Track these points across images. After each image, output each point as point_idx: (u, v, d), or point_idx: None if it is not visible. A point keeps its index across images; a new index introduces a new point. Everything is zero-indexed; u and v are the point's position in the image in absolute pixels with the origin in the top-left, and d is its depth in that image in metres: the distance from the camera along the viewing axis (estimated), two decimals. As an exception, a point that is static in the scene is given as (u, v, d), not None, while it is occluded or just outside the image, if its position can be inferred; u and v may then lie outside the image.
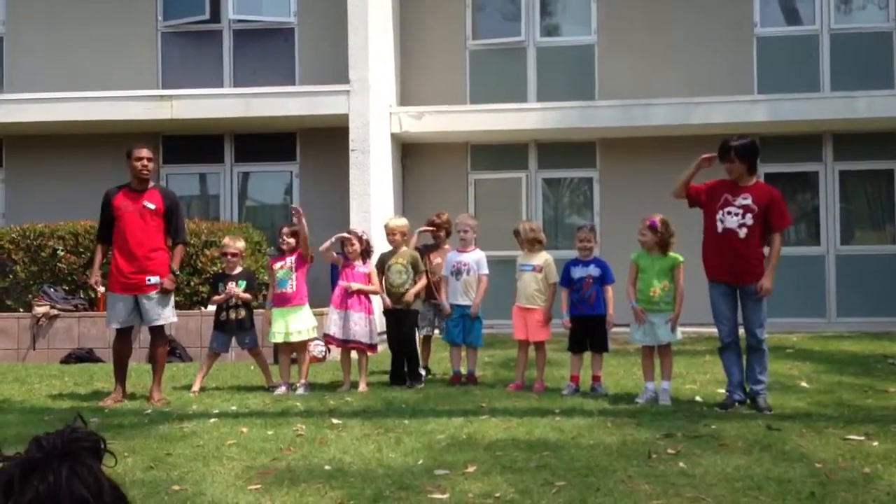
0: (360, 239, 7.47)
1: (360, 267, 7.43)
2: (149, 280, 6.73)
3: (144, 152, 6.86)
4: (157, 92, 11.98)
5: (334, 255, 7.54)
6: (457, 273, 7.50)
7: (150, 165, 6.87)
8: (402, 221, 7.73)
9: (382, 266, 7.58)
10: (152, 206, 6.79)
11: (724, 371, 6.34)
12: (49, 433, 1.33)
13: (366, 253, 7.50)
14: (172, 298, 6.96)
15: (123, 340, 6.83)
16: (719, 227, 6.17)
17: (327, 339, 7.58)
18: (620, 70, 12.58)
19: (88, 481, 1.27)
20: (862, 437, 5.08)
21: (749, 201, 6.11)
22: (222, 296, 7.37)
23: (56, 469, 1.24)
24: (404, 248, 7.56)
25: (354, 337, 7.25)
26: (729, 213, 6.12)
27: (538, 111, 12.22)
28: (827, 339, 10.19)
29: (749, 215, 6.09)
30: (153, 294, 6.75)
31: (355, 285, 7.29)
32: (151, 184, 6.97)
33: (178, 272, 6.97)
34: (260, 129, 12.32)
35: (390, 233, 7.59)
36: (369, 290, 7.41)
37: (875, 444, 4.94)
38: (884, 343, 9.73)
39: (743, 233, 6.09)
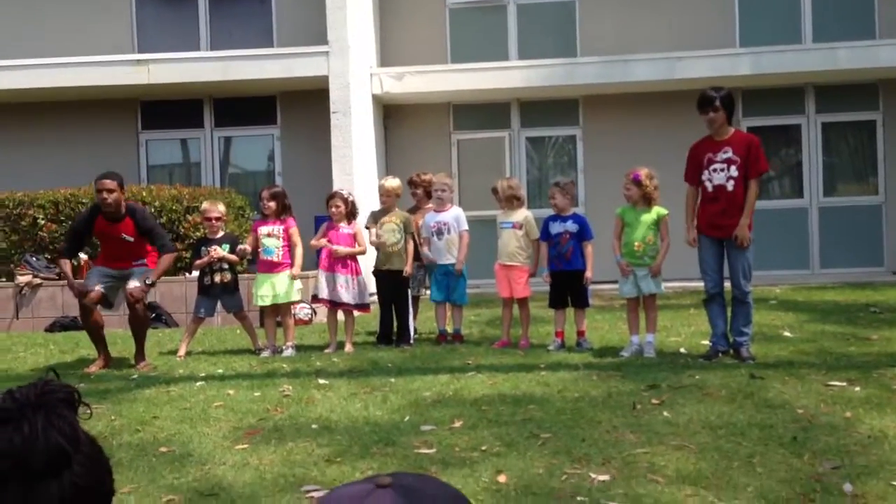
0: (345, 200, 7.44)
1: (344, 228, 7.40)
2: (135, 262, 6.86)
3: (104, 184, 6.59)
4: (133, 56, 11.79)
5: (322, 241, 7.45)
6: (438, 233, 7.49)
7: (113, 197, 6.59)
8: (397, 182, 7.68)
9: (374, 222, 7.57)
10: (130, 239, 6.76)
11: (709, 322, 6.38)
12: (21, 385, 1.30)
13: (351, 214, 7.47)
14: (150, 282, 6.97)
15: (87, 313, 6.76)
16: (709, 186, 6.20)
17: (317, 302, 7.56)
18: (602, 26, 12.47)
19: (65, 431, 1.24)
20: (844, 384, 5.13)
21: (730, 153, 6.14)
22: (206, 258, 7.33)
23: (31, 419, 1.20)
24: (397, 209, 7.56)
25: (342, 299, 7.26)
26: (714, 170, 6.15)
27: (520, 69, 12.11)
28: (810, 290, 10.27)
29: (733, 167, 6.12)
30: (137, 269, 6.82)
31: (342, 249, 7.27)
32: (123, 211, 6.75)
33: (151, 282, 6.76)
34: (239, 92, 12.17)
35: (385, 194, 7.56)
36: (357, 251, 7.40)
37: (857, 389, 5.00)
38: (866, 292, 9.82)
39: (731, 185, 6.12)
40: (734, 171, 6.12)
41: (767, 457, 3.83)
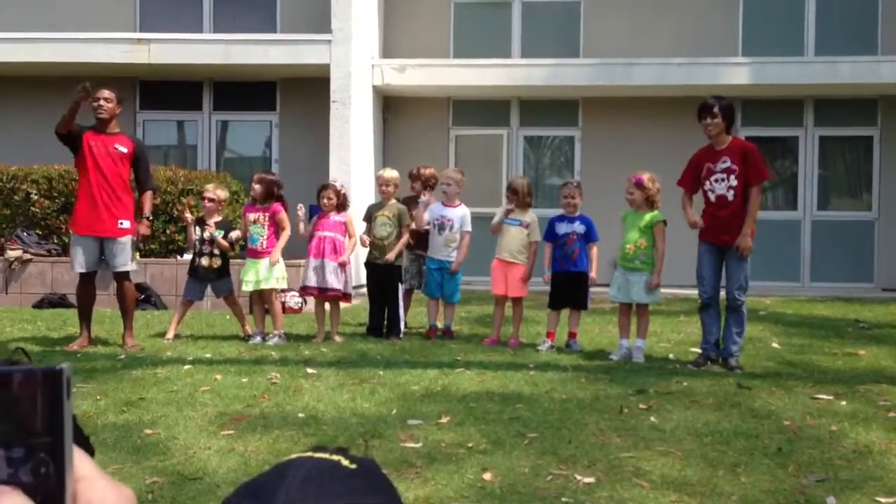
0: (337, 193, 7.40)
1: (334, 216, 7.36)
2: (121, 224, 6.57)
3: (103, 92, 6.60)
4: (134, 35, 11.73)
5: (308, 227, 7.42)
6: (440, 228, 7.45)
7: (107, 106, 6.57)
8: (395, 173, 7.64)
9: (369, 218, 7.53)
10: (123, 150, 6.59)
11: (702, 329, 6.36)
12: None
13: (341, 206, 7.42)
14: (135, 248, 6.80)
15: (87, 285, 6.70)
16: (711, 196, 6.22)
17: (304, 292, 7.56)
18: (606, 28, 12.47)
19: None
20: (830, 397, 5.15)
21: (728, 163, 6.14)
22: (199, 232, 7.30)
23: None
24: (392, 201, 7.51)
25: (331, 285, 7.22)
26: (715, 180, 6.16)
27: (522, 67, 12.11)
28: (800, 303, 10.30)
29: (732, 176, 6.12)
30: (123, 239, 6.58)
31: (345, 256, 7.24)
32: (118, 129, 6.73)
33: (150, 217, 6.77)
34: (240, 76, 12.13)
35: (383, 183, 7.50)
36: (352, 245, 7.37)
37: (843, 403, 5.02)
38: (855, 307, 9.85)
39: (731, 195, 6.13)
40: (733, 181, 6.12)
41: (752, 466, 3.84)
